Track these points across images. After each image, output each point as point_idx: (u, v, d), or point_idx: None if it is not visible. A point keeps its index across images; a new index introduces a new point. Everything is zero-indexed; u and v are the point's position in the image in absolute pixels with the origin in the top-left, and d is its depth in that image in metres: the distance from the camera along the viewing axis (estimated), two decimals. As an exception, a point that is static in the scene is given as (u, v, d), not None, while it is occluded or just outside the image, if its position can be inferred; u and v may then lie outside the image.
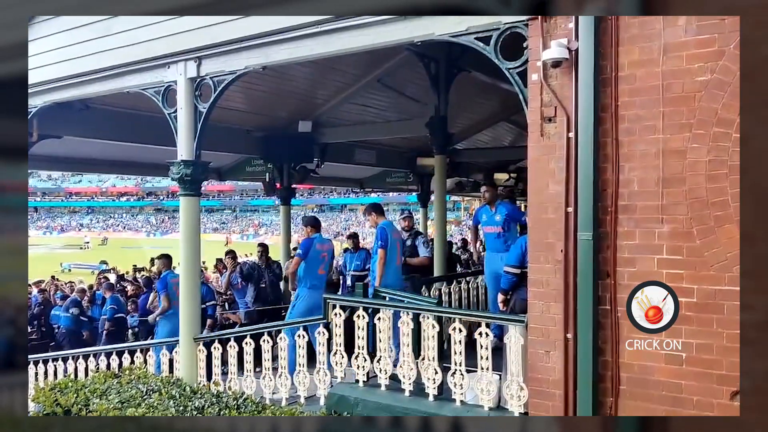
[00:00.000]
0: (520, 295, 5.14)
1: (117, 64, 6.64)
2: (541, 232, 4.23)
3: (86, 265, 34.47)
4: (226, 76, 5.99)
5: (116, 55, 6.58)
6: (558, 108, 4.10)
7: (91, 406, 5.23)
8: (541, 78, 4.14)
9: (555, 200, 4.12)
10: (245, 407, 5.11)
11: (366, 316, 5.26)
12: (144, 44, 6.33)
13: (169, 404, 5.12)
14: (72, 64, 7.00)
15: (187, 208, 6.48)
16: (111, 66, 6.69)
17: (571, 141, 4.04)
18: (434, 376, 4.85)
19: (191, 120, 6.24)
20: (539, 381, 4.21)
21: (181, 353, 6.46)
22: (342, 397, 5.21)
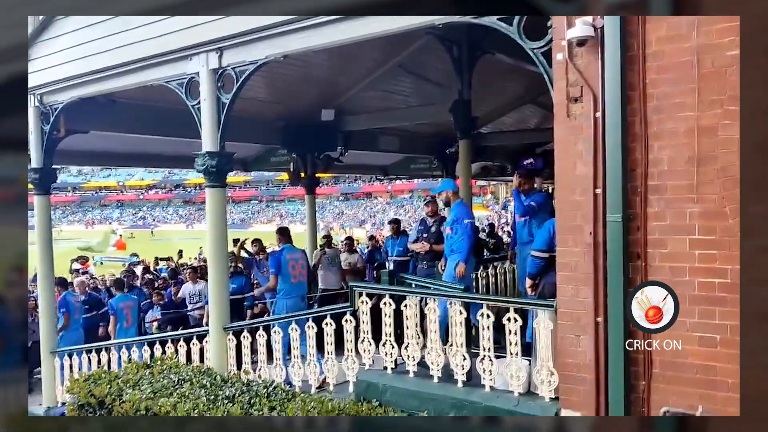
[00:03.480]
0: (549, 279, 5.07)
1: (140, 58, 6.69)
2: (568, 214, 4.16)
3: (118, 258, 35.02)
4: (248, 66, 5.99)
5: (139, 49, 6.62)
6: (584, 87, 4.01)
7: (124, 397, 5.30)
8: (566, 57, 4.05)
9: (583, 182, 4.04)
10: (275, 395, 5.14)
11: (392, 304, 5.25)
12: (165, 37, 6.35)
13: (200, 393, 5.17)
14: (96, 59, 7.07)
15: (213, 199, 6.52)
16: (134, 60, 6.74)
17: (599, 121, 3.95)
18: (463, 362, 4.82)
19: (214, 111, 6.26)
20: (569, 366, 4.16)
21: (211, 343, 6.53)
22: (370, 383, 5.22)
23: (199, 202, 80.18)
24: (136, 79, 6.93)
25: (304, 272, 7.59)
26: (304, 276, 7.60)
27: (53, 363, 8.42)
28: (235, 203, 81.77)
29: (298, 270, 7.45)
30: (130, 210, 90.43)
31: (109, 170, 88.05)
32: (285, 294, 7.33)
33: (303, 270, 7.57)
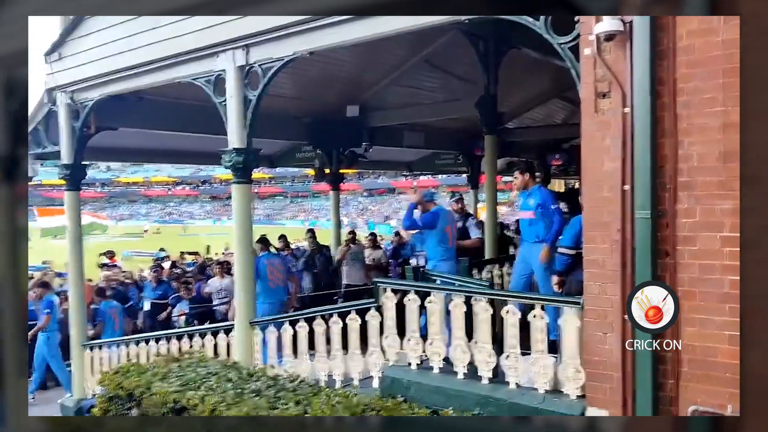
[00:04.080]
0: (576, 276, 5.03)
1: (168, 55, 6.77)
2: (596, 211, 4.12)
3: (146, 253, 35.52)
4: (274, 63, 6.02)
5: (167, 46, 6.70)
6: (612, 83, 3.97)
7: (153, 389, 5.39)
8: (594, 52, 4.01)
9: (611, 178, 4.00)
10: (301, 390, 5.19)
11: (417, 300, 5.25)
12: (193, 34, 6.42)
13: (227, 387, 5.23)
14: (125, 56, 7.17)
15: (240, 195, 6.58)
16: (162, 57, 6.82)
17: (627, 116, 3.90)
18: (488, 359, 4.81)
19: (241, 108, 6.31)
20: (596, 363, 4.12)
21: (237, 337, 6.60)
22: (395, 379, 5.23)
23: (225, 197, 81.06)
24: (165, 76, 7.01)
25: (281, 277, 7.96)
26: (282, 281, 7.95)
27: (83, 356, 8.58)
28: (261, 199, 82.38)
29: (276, 275, 7.84)
30: (158, 206, 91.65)
31: (137, 166, 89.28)
32: (263, 298, 7.63)
33: (281, 275, 7.94)
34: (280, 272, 7.94)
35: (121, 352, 8.09)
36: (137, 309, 11.16)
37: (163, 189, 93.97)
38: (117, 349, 8.17)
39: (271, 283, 7.77)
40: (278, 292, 7.87)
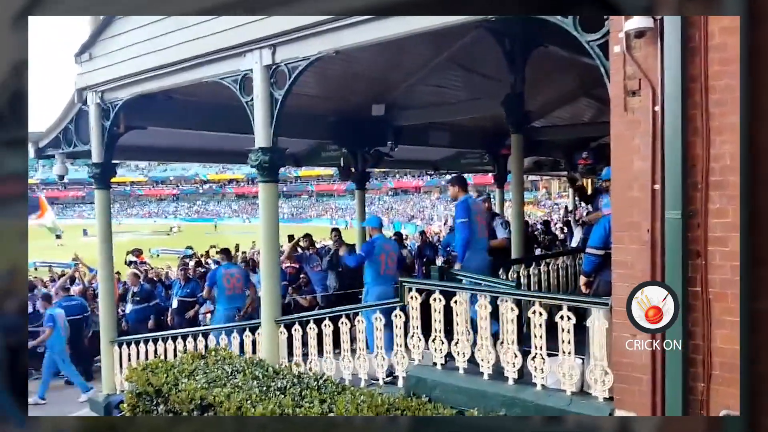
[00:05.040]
0: (604, 277, 4.97)
1: (196, 55, 6.83)
2: (625, 211, 4.06)
3: (173, 251, 35.97)
4: (300, 62, 6.04)
5: (195, 46, 6.76)
6: (642, 80, 3.91)
7: (180, 386, 5.44)
8: (623, 49, 3.95)
9: (640, 177, 3.94)
10: (325, 388, 5.19)
11: (442, 299, 5.23)
12: (220, 34, 6.47)
13: (253, 384, 5.26)
14: (153, 56, 7.26)
15: (266, 194, 6.62)
16: (190, 57, 6.89)
17: (657, 115, 3.84)
18: (514, 359, 4.77)
19: (267, 107, 6.35)
20: (625, 366, 4.07)
21: (263, 335, 6.65)
22: (420, 379, 5.22)
23: (251, 196, 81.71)
24: (193, 75, 7.08)
25: (239, 285, 8.58)
26: (240, 289, 8.58)
27: (112, 352, 8.71)
28: (286, 197, 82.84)
29: (233, 283, 8.47)
30: (185, 204, 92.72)
31: (165, 165, 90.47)
32: (219, 304, 8.45)
33: (238, 284, 8.57)
34: (237, 281, 8.58)
35: (149, 348, 8.21)
36: (164, 307, 11.29)
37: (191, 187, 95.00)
38: (145, 346, 8.29)
39: (228, 291, 8.44)
40: (235, 300, 8.48)
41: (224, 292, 8.43)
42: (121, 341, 8.76)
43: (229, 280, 8.50)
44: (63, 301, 11.08)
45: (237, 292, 8.53)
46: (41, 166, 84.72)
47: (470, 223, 6.16)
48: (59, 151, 9.52)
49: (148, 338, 8.45)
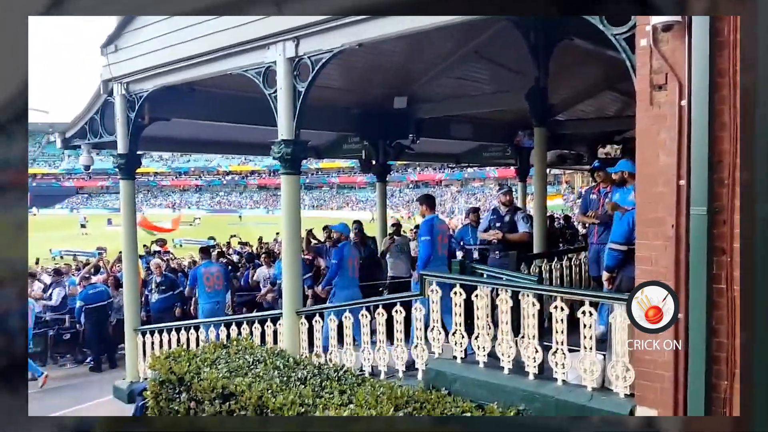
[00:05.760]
0: (627, 273, 4.92)
1: (220, 47, 6.87)
2: (649, 206, 4.01)
3: (195, 241, 36.30)
4: (323, 55, 6.05)
5: (219, 39, 6.80)
6: (669, 74, 3.85)
7: (202, 374, 5.50)
8: (650, 43, 3.89)
9: (666, 173, 3.88)
10: (345, 379, 5.23)
11: (463, 293, 5.22)
12: (244, 26, 6.50)
13: (274, 374, 5.31)
14: (178, 48, 7.32)
15: (288, 185, 6.66)
16: (214, 49, 6.93)
17: (684, 109, 3.78)
18: (534, 354, 4.76)
19: (290, 99, 6.37)
20: (647, 362, 4.03)
21: (285, 326, 6.70)
22: (440, 372, 5.22)
23: (272, 187, 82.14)
24: (217, 68, 7.13)
25: (219, 282, 9.26)
26: (220, 286, 9.26)
27: (136, 340, 8.84)
28: (307, 189, 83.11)
29: (213, 281, 9.16)
30: (207, 195, 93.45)
31: (188, 156, 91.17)
32: (201, 300, 9.15)
33: (218, 281, 9.25)
34: (217, 279, 9.24)
35: (172, 337, 8.32)
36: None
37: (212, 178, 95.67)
38: (168, 335, 8.40)
39: (208, 288, 9.11)
40: (216, 295, 9.17)
41: (204, 289, 9.11)
42: (145, 330, 8.89)
43: (209, 278, 9.18)
44: (88, 289, 11.28)
45: (217, 288, 9.22)
46: (67, 156, 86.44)
47: (432, 241, 6.67)
48: (85, 142, 9.66)
49: (171, 327, 8.56)
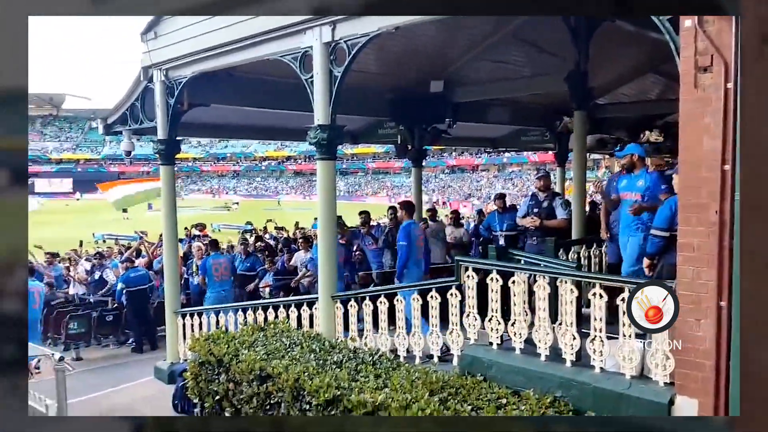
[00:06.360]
0: (668, 259, 4.82)
1: (257, 33, 6.90)
2: (693, 192, 3.91)
3: (233, 226, 36.86)
4: (360, 39, 6.03)
5: (256, 24, 6.83)
6: (715, 56, 3.73)
7: (241, 356, 5.60)
8: (695, 24, 3.78)
9: (710, 158, 3.78)
10: (380, 363, 5.26)
11: (500, 279, 5.19)
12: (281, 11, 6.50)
13: (310, 358, 5.37)
14: (216, 34, 7.37)
15: (324, 170, 6.68)
16: (252, 35, 6.96)
17: (730, 92, 3.67)
18: (572, 341, 4.71)
19: (326, 84, 6.37)
20: (687, 350, 3.95)
21: (320, 310, 6.76)
22: (475, 358, 5.21)
23: (308, 173, 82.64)
24: (254, 53, 7.16)
25: (226, 273, 10.01)
26: (227, 276, 9.99)
27: (176, 322, 9.03)
28: (342, 175, 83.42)
29: (221, 272, 9.88)
30: (245, 180, 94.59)
31: (225, 142, 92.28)
32: (210, 289, 9.77)
33: (225, 272, 10.00)
34: (224, 269, 9.98)
35: (211, 320, 8.48)
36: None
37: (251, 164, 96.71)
38: (207, 318, 8.56)
39: (216, 278, 9.79)
40: (223, 285, 9.84)
41: (213, 279, 9.77)
42: (185, 312, 9.07)
43: (218, 269, 9.88)
44: (130, 272, 11.56)
45: (224, 279, 9.91)
46: (109, 142, 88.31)
47: (408, 246, 6.96)
48: (126, 128, 9.83)
49: (209, 310, 8.72)
